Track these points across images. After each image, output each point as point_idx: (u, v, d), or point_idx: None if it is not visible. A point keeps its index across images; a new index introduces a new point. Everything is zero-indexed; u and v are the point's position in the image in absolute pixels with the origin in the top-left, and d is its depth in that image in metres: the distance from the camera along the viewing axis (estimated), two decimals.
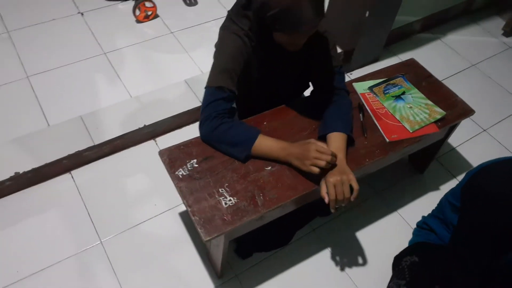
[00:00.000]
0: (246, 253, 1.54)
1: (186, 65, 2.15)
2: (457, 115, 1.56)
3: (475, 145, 2.06)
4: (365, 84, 1.61)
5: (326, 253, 1.60)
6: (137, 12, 2.29)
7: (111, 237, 1.54)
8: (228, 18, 1.28)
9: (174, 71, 2.10)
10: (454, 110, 1.57)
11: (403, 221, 1.73)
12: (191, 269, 1.50)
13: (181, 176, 1.24)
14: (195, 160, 1.28)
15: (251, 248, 1.54)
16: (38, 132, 1.72)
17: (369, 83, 1.61)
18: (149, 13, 2.33)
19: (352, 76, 2.28)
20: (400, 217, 1.74)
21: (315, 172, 1.18)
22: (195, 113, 1.87)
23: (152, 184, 1.70)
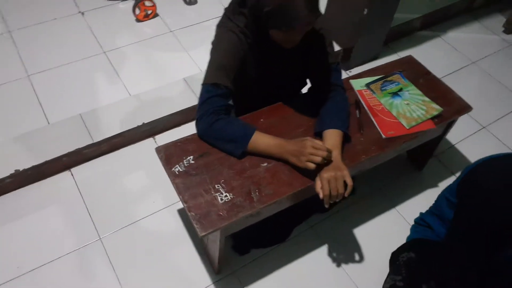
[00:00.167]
0: (244, 250, 1.54)
1: (185, 63, 2.16)
2: (454, 111, 1.56)
3: (474, 142, 2.05)
4: (362, 81, 1.61)
5: (324, 249, 1.60)
6: (137, 11, 2.30)
7: (110, 233, 1.56)
8: (225, 16, 1.29)
9: (173, 69, 2.11)
10: (451, 106, 1.57)
11: (401, 218, 1.73)
12: (189, 265, 1.51)
13: (177, 172, 1.25)
14: (191, 156, 1.29)
15: (248, 244, 1.55)
16: (38, 130, 1.74)
17: (366, 80, 1.61)
18: (149, 12, 2.34)
19: (352, 73, 2.28)
20: (398, 214, 1.74)
21: (311, 168, 1.19)
22: (194, 111, 1.84)
23: (150, 181, 1.72)
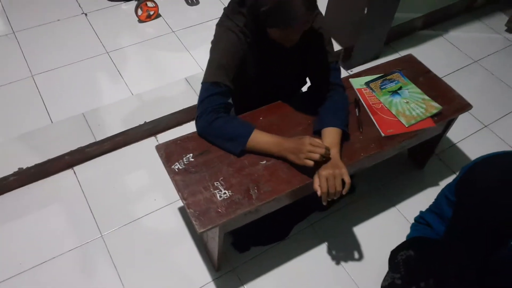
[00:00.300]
0: (243, 247, 1.55)
1: (187, 63, 2.17)
2: (454, 109, 1.56)
3: (476, 141, 2.05)
4: (362, 79, 1.62)
5: (323, 247, 1.61)
6: (139, 12, 2.32)
7: (112, 231, 1.58)
8: (224, 15, 1.30)
9: (175, 69, 2.12)
10: (451, 105, 1.57)
11: (402, 217, 1.73)
12: (189, 262, 1.52)
13: (177, 170, 1.27)
14: (191, 154, 1.30)
15: (248, 242, 1.56)
16: (41, 129, 1.76)
17: (365, 78, 1.62)
18: (151, 12, 2.36)
19: (352, 73, 2.28)
20: (398, 212, 1.75)
21: (309, 165, 1.20)
22: (195, 110, 1.88)
23: (152, 180, 1.73)
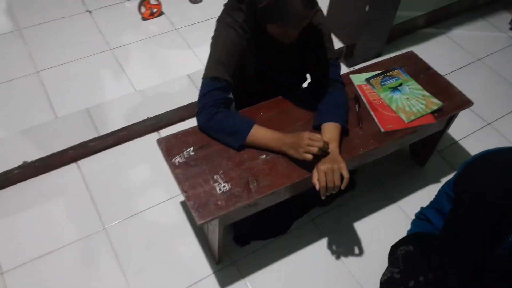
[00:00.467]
0: (244, 241, 1.57)
1: (189, 60, 2.19)
2: (455, 106, 1.56)
3: (478, 139, 2.05)
4: (362, 76, 1.62)
5: (324, 242, 1.62)
6: (143, 10, 2.35)
7: (114, 224, 1.60)
8: (224, 11, 1.32)
9: (177, 66, 2.14)
10: (452, 101, 1.57)
11: (403, 213, 1.73)
12: (190, 255, 1.54)
13: (177, 163, 1.28)
14: (191, 148, 1.32)
15: (249, 236, 1.57)
16: (46, 124, 1.79)
17: (366, 75, 1.62)
18: (154, 10, 2.38)
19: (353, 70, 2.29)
20: (399, 209, 1.75)
21: (308, 159, 1.21)
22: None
23: (154, 174, 1.75)
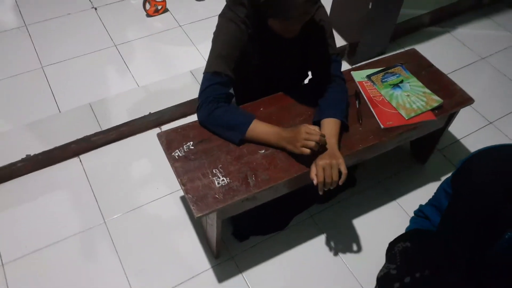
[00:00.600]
0: (243, 236, 1.58)
1: (192, 57, 2.21)
2: (456, 103, 1.56)
3: (480, 137, 2.04)
4: (363, 72, 1.63)
5: (322, 238, 1.62)
6: (147, 6, 2.36)
7: (115, 217, 1.62)
8: (226, 6, 1.32)
9: (181, 62, 2.16)
10: (453, 98, 1.57)
11: (402, 211, 1.73)
12: (189, 250, 1.55)
13: (177, 157, 1.30)
14: (191, 142, 1.33)
15: (248, 231, 1.58)
16: (49, 118, 1.81)
17: (367, 71, 1.63)
18: (159, 7, 2.40)
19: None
20: (399, 206, 1.75)
21: (306, 153, 1.21)
22: None
23: (155, 169, 1.77)
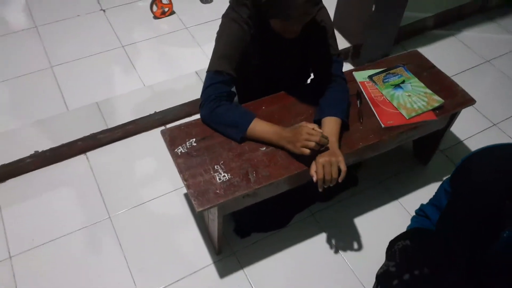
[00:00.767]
0: (245, 233, 1.60)
1: (198, 58, 2.24)
2: (457, 104, 1.57)
3: (483, 139, 2.04)
4: (365, 73, 1.64)
5: (323, 236, 1.64)
6: (154, 9, 2.41)
7: (119, 213, 1.65)
8: (230, 7, 1.35)
9: (186, 63, 2.20)
10: (454, 99, 1.58)
11: (404, 211, 1.74)
12: (192, 245, 1.58)
13: (179, 153, 1.33)
14: (194, 139, 1.36)
15: (249, 227, 1.60)
16: (57, 116, 1.86)
17: (369, 72, 1.64)
18: (166, 9, 2.45)
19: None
20: (401, 206, 1.76)
21: (305, 154, 1.23)
22: None
23: (160, 167, 1.80)
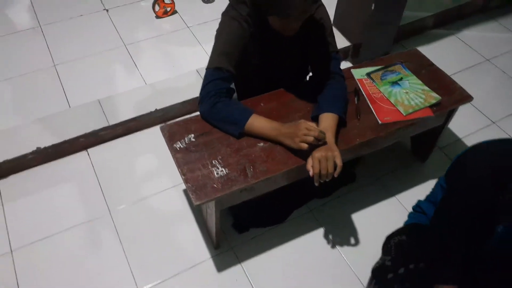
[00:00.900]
0: (243, 228, 1.61)
1: (199, 56, 2.27)
2: (454, 101, 1.58)
3: (482, 137, 2.00)
4: (363, 70, 1.66)
5: (321, 232, 1.65)
6: (157, 8, 2.44)
7: (120, 208, 1.67)
8: (229, 4, 1.38)
9: (187, 61, 2.22)
10: (451, 96, 1.59)
11: (401, 206, 1.75)
12: (190, 240, 1.60)
13: (178, 149, 1.35)
14: (192, 135, 1.38)
15: (247, 222, 1.62)
16: (59, 113, 1.88)
17: (367, 69, 1.66)
18: (168, 9, 2.47)
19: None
20: (398, 203, 1.77)
21: (304, 148, 1.25)
22: None
23: (160, 163, 1.82)
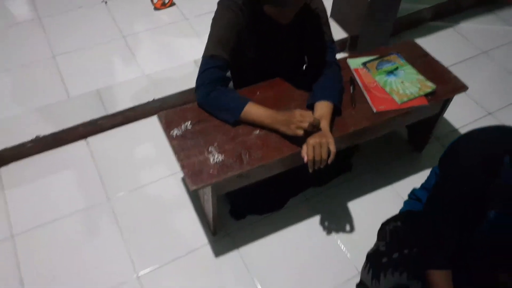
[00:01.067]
0: (240, 215, 1.64)
1: (197, 47, 2.27)
2: (449, 90, 1.60)
3: (478, 127, 2.05)
4: (359, 60, 1.67)
5: (317, 219, 1.67)
6: (155, 0, 2.45)
7: (118, 196, 1.69)
8: None
9: (185, 52, 2.23)
10: (447, 85, 1.60)
11: (398, 195, 1.77)
12: (188, 227, 1.62)
13: (175, 136, 1.37)
14: (189, 122, 1.40)
15: (244, 210, 1.64)
16: (58, 103, 1.90)
17: (363, 59, 1.67)
18: (166, 1, 2.48)
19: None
20: (394, 190, 1.79)
21: (299, 135, 1.27)
22: None
23: (158, 152, 1.84)
